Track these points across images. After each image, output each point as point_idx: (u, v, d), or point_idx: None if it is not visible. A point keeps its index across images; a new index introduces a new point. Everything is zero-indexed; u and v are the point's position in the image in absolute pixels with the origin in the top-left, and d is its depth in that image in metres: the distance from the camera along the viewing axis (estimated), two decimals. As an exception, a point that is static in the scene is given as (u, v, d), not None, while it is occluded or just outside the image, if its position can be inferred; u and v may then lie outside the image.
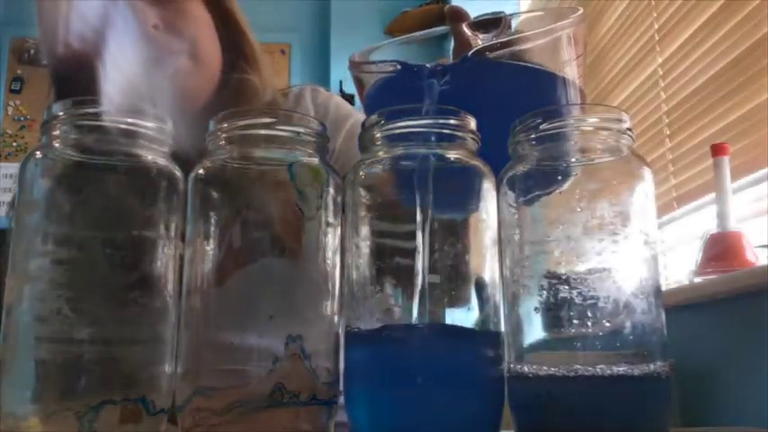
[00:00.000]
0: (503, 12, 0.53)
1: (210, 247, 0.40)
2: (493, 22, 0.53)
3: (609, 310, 0.39)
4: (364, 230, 0.41)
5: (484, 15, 0.54)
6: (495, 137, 0.42)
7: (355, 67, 0.53)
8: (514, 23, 0.54)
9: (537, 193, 0.42)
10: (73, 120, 0.41)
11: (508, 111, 0.44)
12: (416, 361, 0.38)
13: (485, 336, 0.40)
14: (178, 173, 0.43)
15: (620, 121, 0.42)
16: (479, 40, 0.53)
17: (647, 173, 0.41)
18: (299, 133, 0.42)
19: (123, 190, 0.42)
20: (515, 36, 0.49)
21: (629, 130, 0.42)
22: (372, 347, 0.40)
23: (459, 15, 0.55)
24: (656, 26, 1.75)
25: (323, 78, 3.05)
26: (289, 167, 0.42)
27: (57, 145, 0.41)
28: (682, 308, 1.27)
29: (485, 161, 0.42)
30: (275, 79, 0.85)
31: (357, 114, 0.85)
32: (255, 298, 0.40)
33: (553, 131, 0.42)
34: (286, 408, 0.38)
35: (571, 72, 0.50)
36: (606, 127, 0.41)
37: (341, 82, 2.92)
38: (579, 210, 0.40)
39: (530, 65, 0.49)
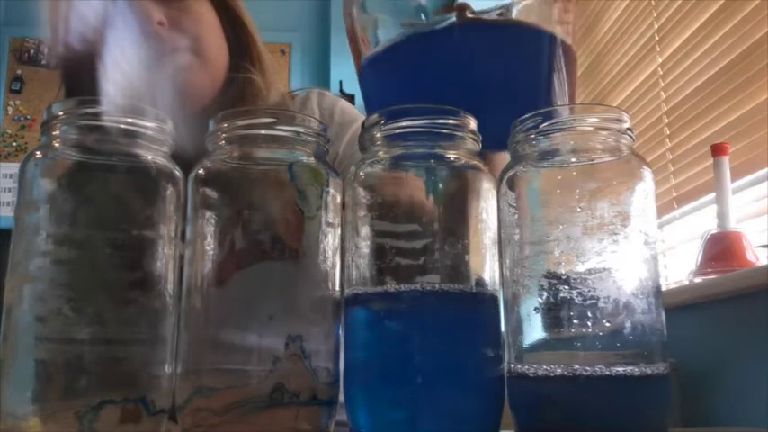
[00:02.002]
0: (506, 7, 0.53)
1: (210, 248, 0.40)
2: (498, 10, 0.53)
3: (609, 310, 0.39)
4: (364, 230, 0.41)
5: (489, 11, 0.54)
6: (488, 98, 0.43)
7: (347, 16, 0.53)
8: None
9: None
10: (73, 120, 0.41)
11: (497, 69, 0.44)
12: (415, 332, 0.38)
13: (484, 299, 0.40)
14: (178, 173, 0.43)
15: (620, 121, 0.42)
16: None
17: (647, 173, 0.41)
18: (299, 133, 0.42)
19: (123, 190, 0.42)
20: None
21: (629, 130, 0.42)
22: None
23: (462, 6, 0.55)
24: (656, 26, 1.75)
25: (323, 78, 3.05)
26: (289, 168, 0.42)
27: (57, 145, 0.41)
28: (682, 308, 1.27)
29: (483, 126, 0.43)
30: (279, 81, 0.85)
31: (362, 119, 0.85)
32: (255, 298, 0.40)
33: (553, 131, 0.42)
34: (286, 408, 0.38)
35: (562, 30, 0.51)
36: (606, 127, 0.41)
37: (341, 82, 2.92)
38: (579, 210, 0.40)
39: (514, 22, 0.50)
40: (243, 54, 0.79)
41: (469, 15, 0.52)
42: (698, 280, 1.26)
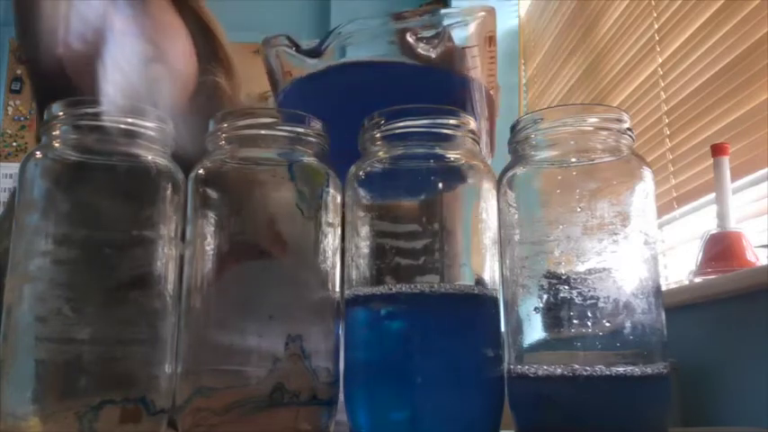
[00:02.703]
0: (443, 27, 0.54)
1: (210, 248, 0.40)
2: (433, 34, 0.54)
3: (609, 310, 0.39)
4: (364, 230, 0.41)
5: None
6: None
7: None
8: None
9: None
10: (73, 120, 0.41)
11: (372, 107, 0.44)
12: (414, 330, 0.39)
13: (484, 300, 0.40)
14: (178, 173, 0.43)
15: (620, 121, 0.42)
16: (420, 49, 0.54)
17: (647, 173, 0.41)
18: (299, 133, 0.42)
19: (123, 190, 0.42)
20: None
21: (629, 130, 0.42)
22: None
23: (406, 33, 0.56)
24: (656, 26, 1.75)
25: (323, 78, 3.04)
26: (289, 167, 0.42)
27: (57, 145, 0.41)
28: (682, 308, 1.27)
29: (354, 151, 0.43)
30: (253, 83, 0.84)
31: None
32: (255, 298, 0.40)
33: (553, 131, 0.42)
34: (286, 408, 0.38)
35: (462, 60, 0.53)
36: (606, 127, 0.41)
37: (341, 82, 2.91)
38: (579, 210, 0.40)
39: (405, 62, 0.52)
40: (209, 58, 0.77)
41: (410, 39, 0.53)
42: (698, 280, 1.26)
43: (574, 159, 0.42)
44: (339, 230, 0.43)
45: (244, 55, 0.86)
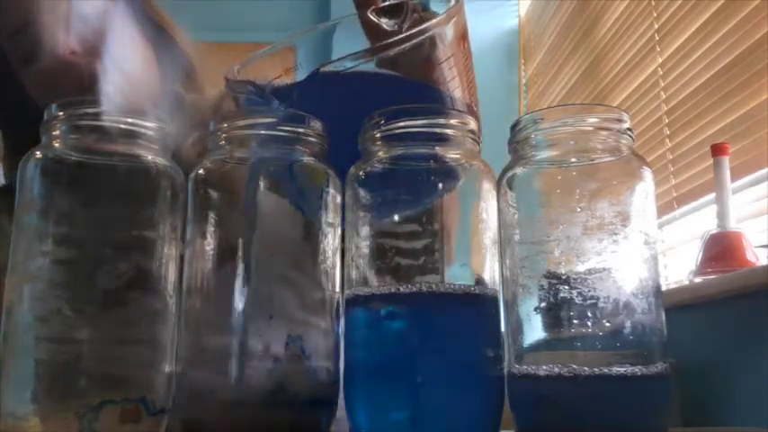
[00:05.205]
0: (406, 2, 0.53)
1: (210, 248, 0.40)
2: (397, 9, 0.54)
3: (609, 310, 0.39)
4: (364, 230, 0.41)
5: (388, 2, 0.54)
6: (348, 144, 0.43)
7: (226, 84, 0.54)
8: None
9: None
10: (73, 120, 0.41)
11: (360, 118, 0.44)
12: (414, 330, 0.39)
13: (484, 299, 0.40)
14: (178, 173, 0.43)
15: (620, 121, 0.42)
16: (384, 26, 0.54)
17: (647, 173, 0.41)
18: (299, 133, 0.42)
19: (123, 190, 0.42)
20: (382, 43, 0.50)
21: (629, 130, 0.42)
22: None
23: (366, 1, 0.55)
24: (656, 26, 1.75)
25: (323, 78, 3.04)
26: (289, 167, 0.42)
27: (57, 145, 0.41)
28: (682, 308, 1.27)
29: (335, 165, 0.43)
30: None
31: None
32: (256, 298, 0.40)
33: (553, 131, 0.42)
34: (286, 408, 0.38)
35: (441, 75, 0.51)
36: (606, 127, 0.41)
37: (341, 82, 2.92)
38: (579, 210, 0.40)
39: (382, 72, 0.51)
40: (173, 68, 0.75)
41: (371, 16, 0.52)
42: (698, 280, 1.26)
43: (574, 159, 0.42)
44: (339, 230, 0.43)
45: (246, 54, 0.85)
